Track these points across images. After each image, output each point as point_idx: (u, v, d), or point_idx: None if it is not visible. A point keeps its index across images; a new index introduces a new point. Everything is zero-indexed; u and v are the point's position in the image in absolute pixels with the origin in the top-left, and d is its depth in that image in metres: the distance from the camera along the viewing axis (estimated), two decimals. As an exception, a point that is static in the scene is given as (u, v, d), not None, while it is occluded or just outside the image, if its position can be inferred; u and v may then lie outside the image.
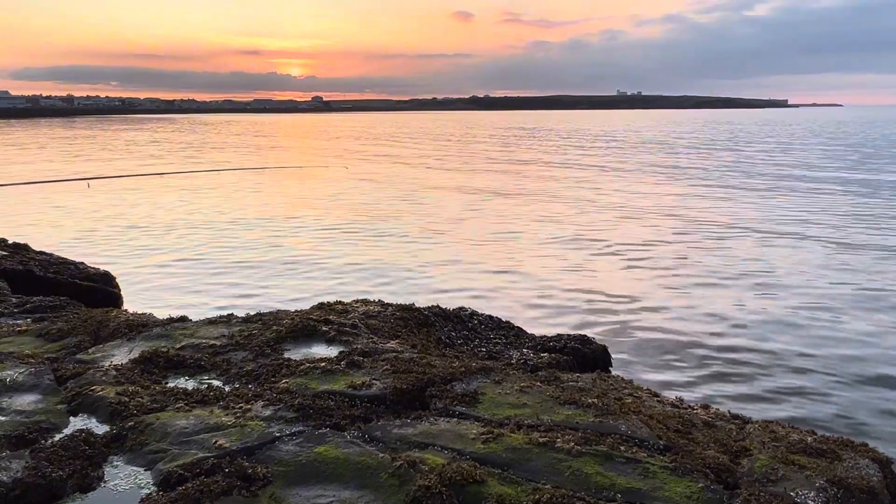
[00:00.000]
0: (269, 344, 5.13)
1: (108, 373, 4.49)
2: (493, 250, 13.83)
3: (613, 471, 3.23)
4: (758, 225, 16.33)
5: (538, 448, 3.43)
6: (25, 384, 4.29)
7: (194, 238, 15.25)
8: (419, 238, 15.18)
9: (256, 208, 19.63)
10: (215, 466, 3.26)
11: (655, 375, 7.35)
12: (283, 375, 4.49)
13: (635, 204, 19.85)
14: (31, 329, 5.74)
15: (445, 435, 3.61)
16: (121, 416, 3.88)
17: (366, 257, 13.26)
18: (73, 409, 4.06)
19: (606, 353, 6.48)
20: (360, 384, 4.28)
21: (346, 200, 21.07)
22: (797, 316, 9.33)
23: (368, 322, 5.94)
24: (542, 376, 4.69)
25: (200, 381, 4.52)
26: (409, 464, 3.22)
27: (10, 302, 6.86)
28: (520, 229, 16.04)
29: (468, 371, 4.54)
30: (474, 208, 19.55)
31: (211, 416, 3.81)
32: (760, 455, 3.52)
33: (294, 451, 3.41)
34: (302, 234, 15.66)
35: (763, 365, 7.65)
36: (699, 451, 3.50)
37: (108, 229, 16.31)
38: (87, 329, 5.62)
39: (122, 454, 3.52)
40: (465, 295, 10.41)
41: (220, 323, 5.75)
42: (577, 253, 13.46)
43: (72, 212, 19.00)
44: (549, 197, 21.89)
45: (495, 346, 6.15)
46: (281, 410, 3.90)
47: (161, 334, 5.42)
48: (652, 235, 15.15)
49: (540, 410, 3.94)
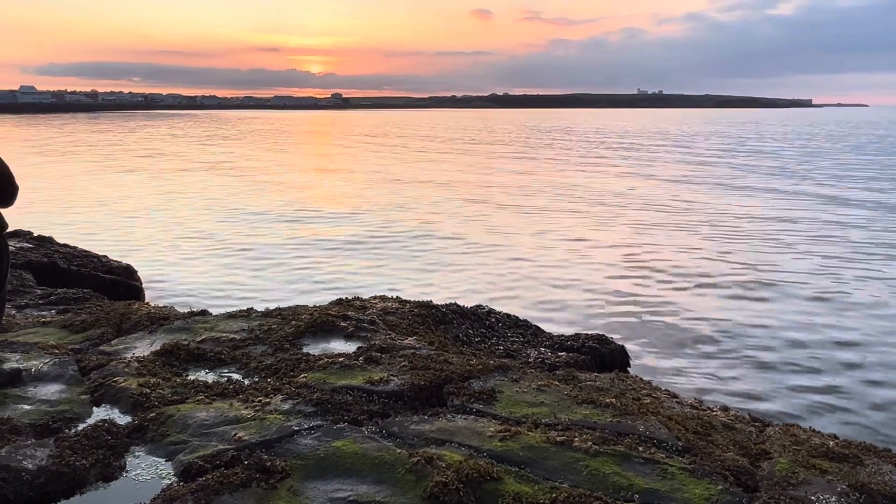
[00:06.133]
0: (288, 338, 5.17)
1: (130, 364, 4.55)
2: (513, 248, 13.80)
3: (631, 471, 3.22)
4: (793, 228, 16.14)
5: (555, 447, 3.42)
6: (50, 374, 4.37)
7: (215, 233, 15.40)
8: (439, 236, 15.19)
9: (278, 205, 19.76)
10: (235, 459, 3.29)
11: (674, 376, 7.29)
12: (302, 370, 4.52)
13: (665, 205, 19.69)
14: (56, 320, 5.84)
15: (462, 432, 3.61)
16: (142, 407, 3.93)
17: (384, 254, 13.30)
18: (96, 399, 4.12)
19: (624, 353, 6.45)
20: (377, 380, 4.30)
21: (369, 198, 21.13)
22: (821, 320, 9.20)
23: (386, 318, 5.96)
24: (560, 375, 4.69)
25: (220, 375, 4.57)
26: (427, 460, 3.23)
27: (35, 293, 6.99)
28: (541, 228, 15.99)
29: (485, 369, 4.54)
30: (496, 207, 19.52)
31: (230, 409, 3.85)
32: (781, 458, 3.49)
33: (312, 445, 3.43)
34: (322, 231, 15.74)
35: (785, 369, 7.56)
36: (718, 452, 3.47)
37: (131, 222, 16.52)
38: (110, 321, 5.71)
39: (144, 445, 3.57)
40: (483, 293, 10.40)
41: (240, 317, 5.80)
42: (598, 253, 13.38)
43: (96, 204, 19.27)
44: (573, 197, 21.79)
45: (513, 345, 6.15)
46: (299, 404, 3.93)
47: (182, 327, 5.48)
48: (678, 238, 15.03)
49: (557, 409, 3.93)
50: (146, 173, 28.59)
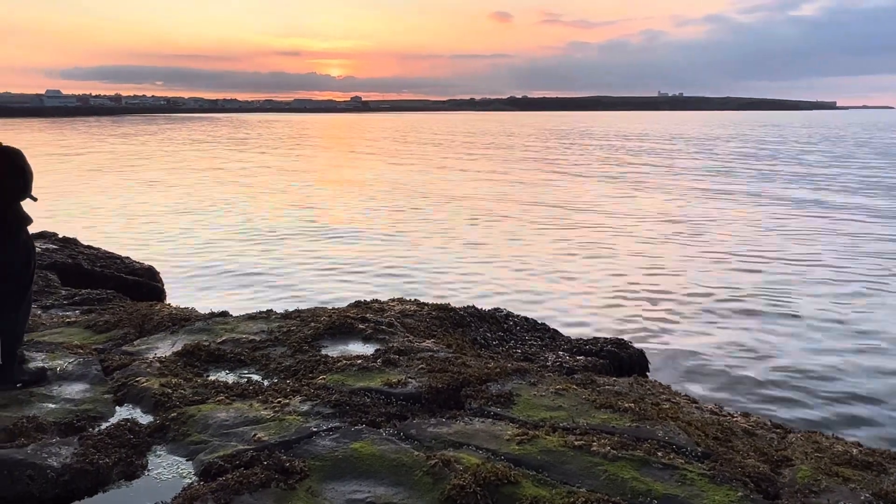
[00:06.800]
0: (307, 340, 5.20)
1: (152, 365, 4.62)
2: (531, 252, 13.77)
3: (650, 476, 3.20)
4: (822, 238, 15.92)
5: (573, 451, 3.41)
6: (74, 374, 4.44)
7: (236, 235, 15.55)
8: (457, 239, 15.20)
9: (298, 209, 19.90)
10: (254, 459, 3.33)
11: (693, 382, 7.22)
12: (321, 371, 4.55)
13: (687, 213, 19.53)
14: (80, 320, 5.94)
15: (480, 435, 3.61)
16: (164, 406, 3.98)
17: (403, 257, 13.33)
18: (118, 398, 4.18)
19: (643, 357, 6.41)
20: (395, 382, 4.32)
21: (387, 202, 21.20)
22: (844, 327, 9.06)
23: (405, 321, 5.98)
24: (578, 379, 4.67)
25: (240, 375, 4.61)
26: (444, 462, 3.24)
27: (60, 294, 7.10)
28: (559, 233, 15.93)
29: (503, 372, 4.54)
30: (519, 212, 19.49)
31: (250, 410, 3.88)
32: (803, 466, 3.44)
33: (330, 447, 3.45)
34: (345, 232, 15.83)
35: (806, 375, 7.46)
36: (739, 459, 3.44)
37: (153, 224, 16.74)
38: (133, 322, 5.79)
39: (165, 444, 3.61)
40: (500, 296, 10.39)
41: (260, 318, 5.86)
42: (618, 259, 13.30)
43: (119, 207, 19.55)
44: (592, 204, 21.69)
45: (531, 348, 6.13)
46: (318, 406, 3.96)
47: (203, 328, 5.54)
48: (700, 245, 14.89)
49: (576, 413, 3.91)
50: (168, 176, 28.95)
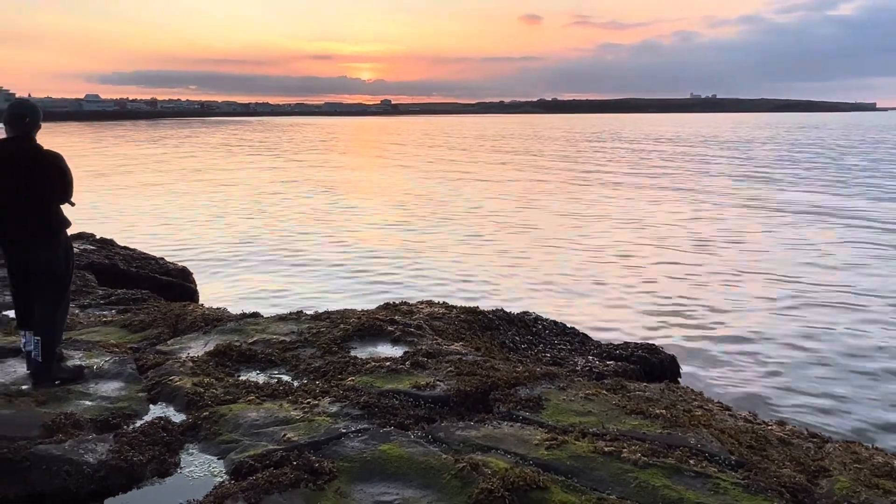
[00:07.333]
0: (337, 342, 5.23)
1: (185, 364, 4.69)
2: (560, 257, 13.68)
3: (682, 484, 3.14)
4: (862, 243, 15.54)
5: (603, 457, 3.37)
6: (110, 372, 4.54)
7: (266, 236, 15.74)
8: (486, 242, 15.18)
9: (327, 211, 20.08)
10: (284, 459, 3.35)
11: (726, 389, 7.09)
12: (350, 373, 4.58)
13: (720, 223, 19.23)
14: (116, 320, 6.06)
15: (508, 439, 3.59)
16: (196, 406, 4.04)
17: (432, 259, 13.35)
18: (152, 397, 4.26)
19: (675, 363, 6.30)
20: (424, 385, 4.32)
21: (420, 204, 21.25)
22: (882, 336, 8.81)
23: (433, 323, 5.98)
24: (608, 384, 4.61)
25: (270, 376, 4.66)
26: (472, 466, 3.22)
27: (97, 294, 7.26)
28: (589, 240, 15.79)
29: (532, 376, 4.51)
30: (548, 217, 19.39)
31: (280, 410, 3.92)
32: (841, 476, 3.35)
33: (359, 448, 3.47)
34: (373, 235, 15.92)
35: (844, 384, 7.26)
36: (774, 468, 3.36)
37: (186, 226, 17.04)
38: (167, 321, 5.89)
39: (197, 442, 3.67)
40: (529, 299, 10.33)
41: (290, 320, 5.91)
42: (650, 264, 13.12)
43: (153, 208, 19.94)
44: (623, 208, 21.48)
45: (560, 352, 6.08)
46: (347, 407, 3.98)
47: (234, 329, 5.62)
48: (732, 251, 14.64)
49: (605, 419, 3.86)
50: (203, 179, 29.46)
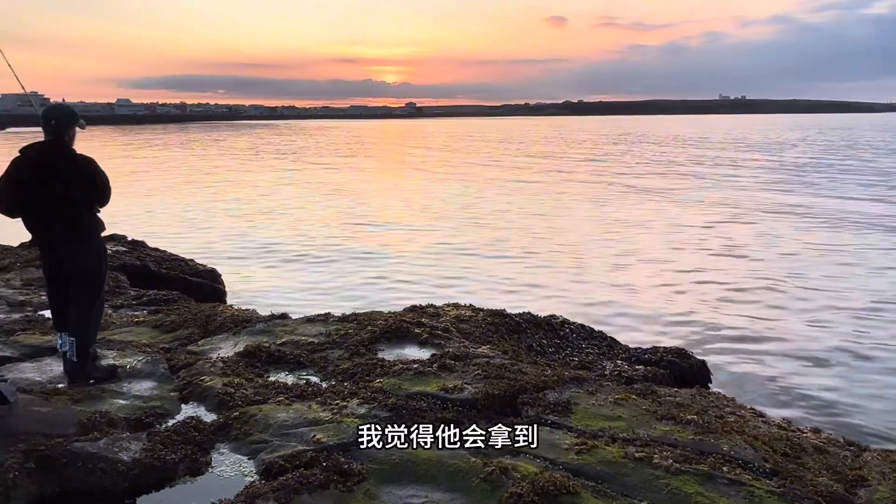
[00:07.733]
0: (364, 344, 5.26)
1: (215, 364, 4.75)
2: (587, 261, 13.58)
3: (715, 492, 3.09)
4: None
5: (634, 463, 3.33)
6: (143, 371, 4.61)
7: (295, 238, 15.88)
8: (513, 245, 15.13)
9: (357, 213, 20.20)
10: (313, 460, 3.37)
11: (758, 394, 6.94)
12: (377, 375, 4.59)
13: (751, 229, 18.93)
14: (148, 320, 6.17)
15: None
16: (227, 405, 4.09)
17: (458, 262, 13.35)
18: (184, 396, 4.32)
19: (706, 368, 6.22)
20: (451, 387, 4.31)
21: (446, 207, 21.27)
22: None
23: (460, 326, 5.97)
24: (638, 389, 4.56)
25: (299, 377, 4.70)
26: (501, 470, 3.21)
27: (129, 294, 7.40)
28: (617, 245, 15.64)
29: (561, 380, 4.48)
30: (576, 221, 19.28)
31: (309, 411, 3.95)
32: (880, 486, 3.27)
33: (388, 450, 3.47)
34: (399, 238, 15.97)
35: (881, 391, 7.08)
36: (810, 477, 3.29)
37: (215, 230, 17.27)
38: (197, 322, 5.97)
39: (228, 442, 3.71)
40: (555, 303, 10.26)
41: (318, 321, 5.96)
42: (678, 269, 12.93)
43: (183, 210, 20.26)
44: (651, 214, 21.26)
45: (587, 356, 6.04)
46: (375, 409, 3.99)
47: (263, 330, 5.67)
48: (763, 256, 14.38)
49: (636, 424, 3.82)
50: (230, 181, 29.85)
